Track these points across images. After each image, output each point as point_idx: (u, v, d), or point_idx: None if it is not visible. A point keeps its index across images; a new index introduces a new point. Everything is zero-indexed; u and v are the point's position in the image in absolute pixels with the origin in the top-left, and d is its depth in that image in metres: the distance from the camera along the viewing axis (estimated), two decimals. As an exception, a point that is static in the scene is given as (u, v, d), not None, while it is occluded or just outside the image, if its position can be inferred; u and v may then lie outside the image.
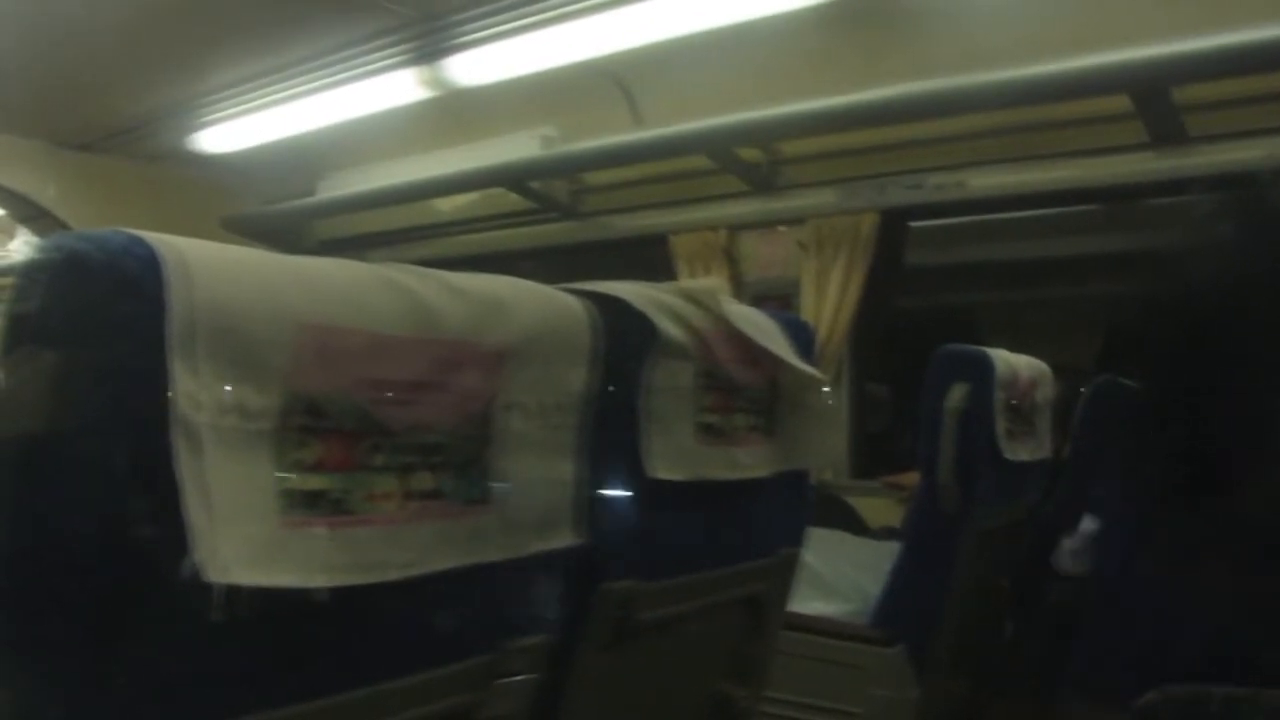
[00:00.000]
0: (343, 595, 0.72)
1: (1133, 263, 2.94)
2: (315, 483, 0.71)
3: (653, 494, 1.07)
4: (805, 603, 1.91)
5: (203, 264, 0.65)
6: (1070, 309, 4.32)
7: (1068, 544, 2.29)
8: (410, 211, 4.41)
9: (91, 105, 3.99)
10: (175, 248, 0.65)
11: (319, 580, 0.70)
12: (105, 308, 0.63)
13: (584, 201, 4.07)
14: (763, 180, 3.56)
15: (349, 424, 0.73)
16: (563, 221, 4.10)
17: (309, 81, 3.60)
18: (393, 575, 0.76)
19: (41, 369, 0.62)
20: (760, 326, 1.20)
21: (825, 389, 1.30)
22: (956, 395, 1.92)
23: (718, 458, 1.16)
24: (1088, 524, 2.25)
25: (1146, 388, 1.54)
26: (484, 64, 3.29)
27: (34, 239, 4.77)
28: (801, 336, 1.31)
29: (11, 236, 5.40)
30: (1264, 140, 2.53)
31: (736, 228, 3.63)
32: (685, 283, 1.14)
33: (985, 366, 1.96)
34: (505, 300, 0.86)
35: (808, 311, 3.31)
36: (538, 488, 0.89)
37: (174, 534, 0.62)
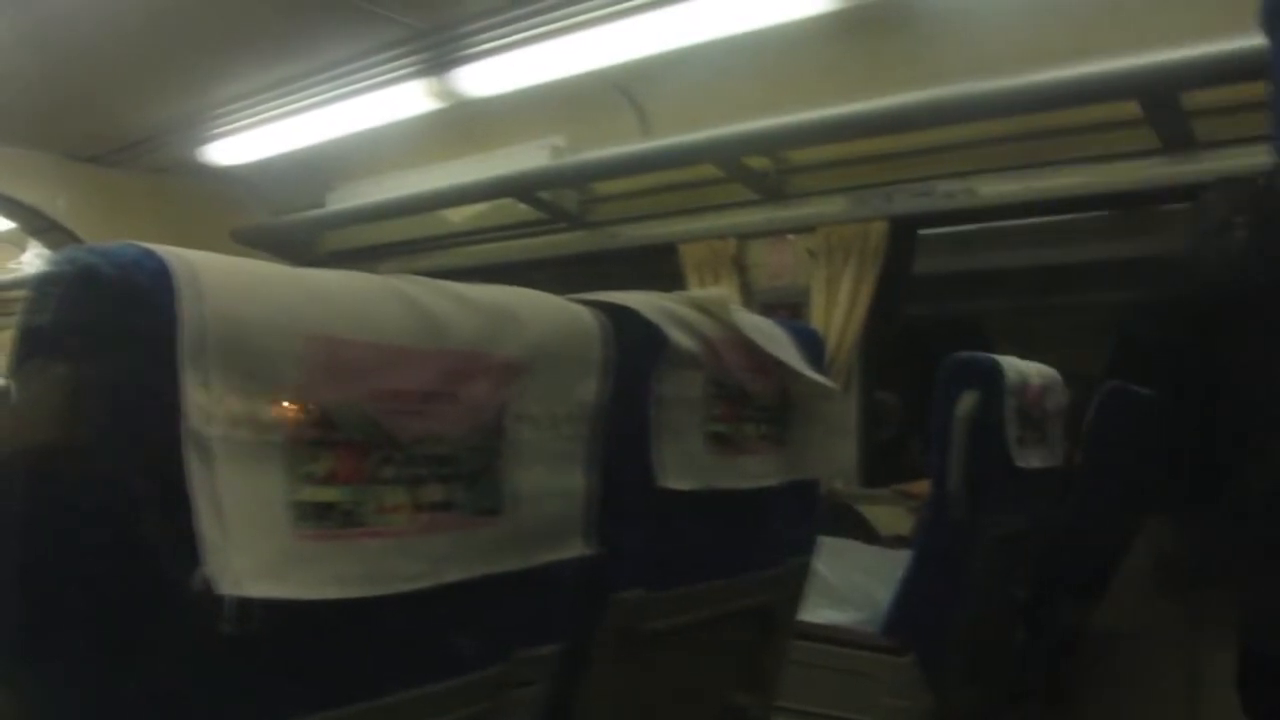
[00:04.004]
0: (354, 607, 0.72)
1: (1143, 269, 2.93)
2: (327, 495, 0.71)
3: (663, 503, 1.07)
4: (816, 611, 1.90)
5: (214, 277, 0.65)
6: (1081, 315, 4.31)
7: None
8: (420, 222, 4.42)
9: (101, 118, 4.01)
10: (186, 260, 0.65)
11: (330, 592, 0.70)
12: (117, 321, 0.63)
13: (593, 211, 4.08)
14: (771, 189, 3.56)
15: (360, 436, 0.73)
16: (572, 231, 4.11)
17: (318, 93, 3.61)
18: (403, 587, 0.76)
19: (53, 382, 0.62)
20: (770, 335, 1.20)
21: (835, 398, 1.30)
22: (967, 403, 1.91)
23: (728, 467, 1.16)
24: None
25: (1156, 393, 1.54)
26: (492, 75, 3.30)
27: (45, 252, 4.79)
28: (812, 345, 1.30)
29: (23, 249, 5.43)
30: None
31: (745, 236, 3.63)
32: (695, 292, 1.14)
33: (995, 374, 1.96)
34: (515, 311, 0.86)
35: (817, 320, 3.31)
36: (548, 498, 0.89)
37: (186, 547, 0.62)
